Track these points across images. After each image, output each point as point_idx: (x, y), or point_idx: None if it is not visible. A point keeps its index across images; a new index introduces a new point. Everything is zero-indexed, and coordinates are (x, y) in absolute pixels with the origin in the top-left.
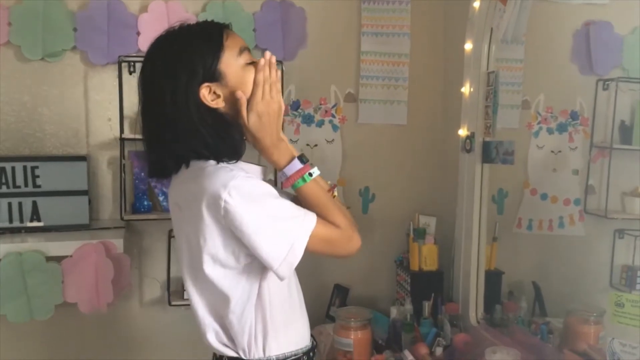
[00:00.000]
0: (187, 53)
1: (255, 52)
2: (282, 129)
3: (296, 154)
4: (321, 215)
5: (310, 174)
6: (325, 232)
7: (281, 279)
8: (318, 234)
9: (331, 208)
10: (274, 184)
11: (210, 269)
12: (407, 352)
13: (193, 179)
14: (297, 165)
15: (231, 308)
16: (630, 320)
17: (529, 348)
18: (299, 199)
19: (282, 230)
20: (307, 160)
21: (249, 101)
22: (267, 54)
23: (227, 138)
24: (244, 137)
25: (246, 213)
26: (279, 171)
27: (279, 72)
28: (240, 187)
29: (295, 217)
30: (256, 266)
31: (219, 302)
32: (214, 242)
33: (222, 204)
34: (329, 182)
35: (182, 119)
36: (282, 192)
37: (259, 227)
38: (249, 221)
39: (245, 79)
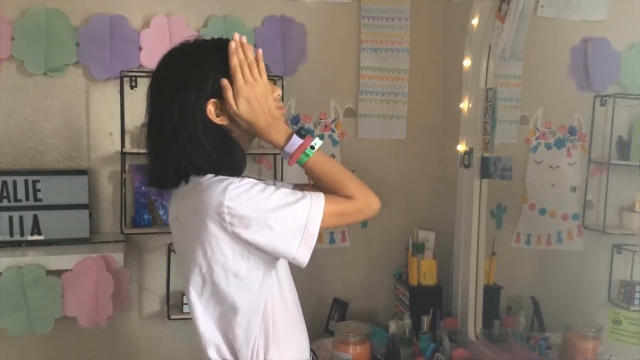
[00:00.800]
0: (198, 67)
1: None
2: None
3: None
4: (333, 187)
5: (312, 147)
6: (337, 207)
7: (302, 265)
8: (330, 211)
9: (342, 177)
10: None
11: (219, 279)
12: None
13: (193, 193)
14: (297, 141)
15: (238, 320)
16: (628, 338)
17: None
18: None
19: (291, 216)
20: (307, 133)
21: (233, 88)
22: (236, 35)
23: (229, 154)
24: (245, 153)
25: (251, 212)
26: (280, 151)
27: (260, 52)
28: (239, 188)
29: (302, 199)
30: (268, 274)
31: (227, 315)
32: (222, 252)
33: (226, 210)
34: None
35: (187, 131)
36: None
37: (267, 221)
38: (256, 219)
39: None
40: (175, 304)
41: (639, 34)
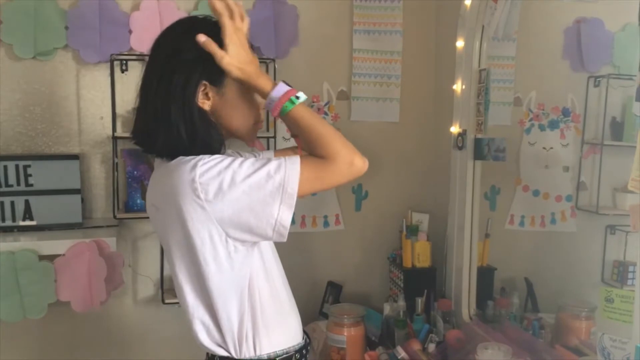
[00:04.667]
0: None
1: None
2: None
3: None
4: (315, 142)
5: (297, 97)
6: (315, 168)
7: (284, 231)
8: (307, 175)
9: (325, 134)
10: None
11: (198, 262)
12: (399, 349)
13: (164, 177)
14: (283, 87)
15: (220, 305)
16: (620, 316)
17: (521, 344)
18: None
19: (265, 177)
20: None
21: (223, 35)
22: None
23: (205, 136)
24: (224, 139)
25: (225, 183)
26: (265, 98)
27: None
28: (208, 163)
29: (275, 161)
30: (248, 259)
31: (209, 299)
32: (198, 233)
33: (199, 187)
34: None
35: (176, 101)
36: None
37: (243, 188)
38: (231, 188)
39: (242, 98)
40: (169, 288)
41: (632, 15)
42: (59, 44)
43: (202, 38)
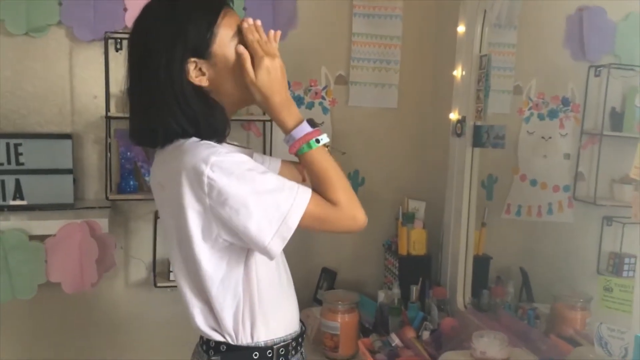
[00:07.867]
0: (182, 23)
1: None
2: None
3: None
4: (323, 187)
5: (318, 140)
6: (320, 209)
7: (272, 256)
8: (312, 211)
9: (334, 182)
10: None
11: (192, 247)
12: (393, 336)
13: (174, 156)
14: (305, 128)
15: (215, 291)
16: (619, 305)
17: (516, 333)
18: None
19: (273, 203)
20: (317, 126)
21: (252, 58)
22: (249, 19)
23: (209, 118)
24: (229, 119)
25: (231, 188)
26: (286, 134)
27: (279, 33)
28: (223, 162)
29: (289, 189)
30: (237, 248)
31: (203, 284)
32: (194, 220)
33: (205, 180)
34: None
35: (173, 90)
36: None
37: (246, 202)
38: (235, 197)
39: (232, 58)
40: (161, 272)
41: (635, 4)
42: (52, 20)
43: (240, 49)
